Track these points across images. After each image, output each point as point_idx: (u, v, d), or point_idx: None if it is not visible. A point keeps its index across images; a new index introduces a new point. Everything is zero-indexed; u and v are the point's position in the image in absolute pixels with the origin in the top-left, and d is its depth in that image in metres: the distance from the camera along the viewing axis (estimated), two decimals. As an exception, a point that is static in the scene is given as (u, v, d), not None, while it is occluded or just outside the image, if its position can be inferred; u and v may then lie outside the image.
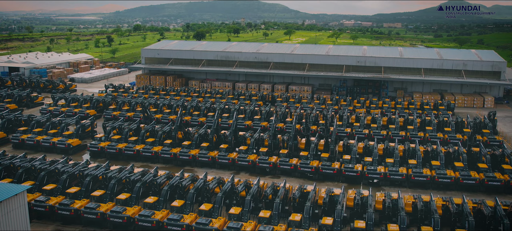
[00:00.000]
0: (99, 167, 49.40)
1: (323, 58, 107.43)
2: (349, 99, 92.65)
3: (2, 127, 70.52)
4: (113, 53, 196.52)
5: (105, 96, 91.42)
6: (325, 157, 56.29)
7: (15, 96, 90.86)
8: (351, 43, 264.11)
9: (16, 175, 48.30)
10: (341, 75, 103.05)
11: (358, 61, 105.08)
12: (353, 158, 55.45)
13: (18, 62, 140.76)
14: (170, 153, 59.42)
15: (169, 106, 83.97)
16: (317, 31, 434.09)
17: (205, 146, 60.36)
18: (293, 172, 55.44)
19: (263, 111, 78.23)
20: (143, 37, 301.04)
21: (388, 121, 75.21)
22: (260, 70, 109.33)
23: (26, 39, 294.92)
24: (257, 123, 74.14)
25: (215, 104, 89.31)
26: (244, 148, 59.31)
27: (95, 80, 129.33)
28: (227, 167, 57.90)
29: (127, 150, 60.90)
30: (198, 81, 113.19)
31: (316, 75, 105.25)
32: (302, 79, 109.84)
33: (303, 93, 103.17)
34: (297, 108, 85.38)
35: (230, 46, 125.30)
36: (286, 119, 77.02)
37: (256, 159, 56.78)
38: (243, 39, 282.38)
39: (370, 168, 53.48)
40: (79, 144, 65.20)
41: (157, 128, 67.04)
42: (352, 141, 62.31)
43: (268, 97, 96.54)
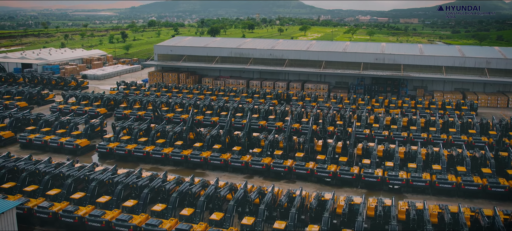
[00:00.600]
0: (106, 171, 47.14)
1: (340, 55, 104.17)
2: (367, 98, 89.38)
3: (10, 126, 68.79)
4: (127, 49, 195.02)
5: (116, 94, 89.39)
6: (343, 161, 53.38)
7: (25, 94, 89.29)
8: (368, 39, 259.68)
9: (19, 178, 46.26)
10: (359, 73, 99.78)
11: (377, 59, 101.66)
12: (373, 163, 52.47)
13: (31, 58, 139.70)
14: (181, 155, 57.00)
15: (181, 105, 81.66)
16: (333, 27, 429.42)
17: (217, 148, 57.83)
18: (310, 176, 52.65)
19: (278, 110, 75.44)
20: (157, 33, 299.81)
21: (409, 122, 71.87)
22: (275, 68, 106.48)
23: (41, 35, 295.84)
24: (271, 123, 71.40)
25: (228, 102, 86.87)
26: (258, 151, 56.68)
27: (108, 77, 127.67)
28: (240, 170, 55.31)
29: (136, 151, 58.63)
30: (212, 78, 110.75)
31: (333, 73, 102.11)
32: (318, 77, 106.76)
33: (319, 91, 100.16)
34: (313, 107, 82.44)
35: (245, 42, 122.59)
36: (301, 119, 74.15)
37: (270, 163, 54.09)
38: (258, 35, 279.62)
39: (391, 173, 50.44)
40: (87, 144, 63.12)
41: (168, 129, 64.74)
42: (372, 143, 59.26)
43: (283, 96, 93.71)
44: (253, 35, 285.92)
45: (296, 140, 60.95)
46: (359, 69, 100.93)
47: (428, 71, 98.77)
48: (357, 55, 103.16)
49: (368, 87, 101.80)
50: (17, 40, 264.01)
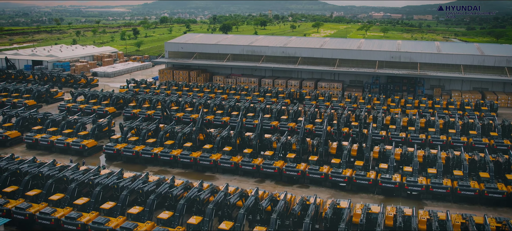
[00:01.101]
0: (111, 175, 45.23)
1: (355, 53, 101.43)
2: (383, 97, 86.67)
3: (17, 125, 67.32)
4: (138, 46, 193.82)
5: (125, 93, 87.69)
6: (359, 165, 50.93)
7: (34, 92, 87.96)
8: (382, 36, 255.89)
9: (22, 182, 44.57)
10: (374, 71, 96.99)
11: (392, 57, 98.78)
12: (391, 167, 50.00)
13: (42, 55, 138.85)
14: (190, 158, 54.98)
15: (191, 104, 79.70)
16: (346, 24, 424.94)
17: (228, 150, 55.69)
18: (324, 181, 50.32)
19: (290, 111, 73.12)
20: (169, 30, 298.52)
21: (427, 123, 69.17)
22: (288, 66, 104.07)
23: (53, 31, 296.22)
24: (284, 124, 69.09)
25: (239, 102, 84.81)
26: (269, 153, 54.44)
27: (118, 74, 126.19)
28: (251, 174, 53.15)
29: (144, 153, 56.74)
30: (223, 76, 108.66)
31: (347, 71, 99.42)
32: (332, 75, 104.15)
33: (333, 90, 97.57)
34: (327, 107, 79.98)
35: (257, 40, 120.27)
36: (315, 119, 71.74)
37: (282, 167, 51.87)
38: (270, 32, 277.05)
39: (410, 179, 47.92)
40: (94, 145, 61.39)
41: (177, 129, 62.76)
42: (389, 146, 56.67)
43: (296, 95, 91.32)
44: (265, 31, 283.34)
45: (309, 143, 58.64)
46: (374, 67, 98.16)
47: (445, 69, 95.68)
48: (372, 53, 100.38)
49: (383, 86, 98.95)
50: (30, 36, 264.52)
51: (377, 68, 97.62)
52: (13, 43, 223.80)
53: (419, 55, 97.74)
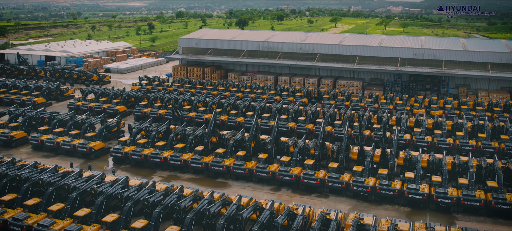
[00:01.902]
0: (116, 183, 42.06)
1: (376, 49, 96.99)
2: (405, 97, 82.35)
3: (23, 125, 64.68)
4: (153, 41, 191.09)
5: (136, 91, 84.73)
6: (383, 174, 47.05)
7: (44, 89, 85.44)
8: (401, 32, 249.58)
9: (21, 190, 41.66)
10: (396, 69, 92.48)
11: (415, 54, 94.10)
12: (418, 176, 46.03)
13: (55, 51, 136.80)
14: (201, 163, 51.67)
15: (204, 103, 76.39)
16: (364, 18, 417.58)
17: (242, 155, 52.21)
18: (345, 190, 46.60)
19: (308, 111, 69.33)
20: (185, 24, 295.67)
21: (454, 126, 64.91)
22: (305, 63, 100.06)
23: (70, 26, 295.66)
24: (301, 126, 65.30)
25: (255, 100, 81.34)
26: (286, 159, 50.80)
27: (131, 70, 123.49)
28: (266, 181, 49.66)
29: (153, 157, 53.59)
30: (238, 73, 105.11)
31: (368, 69, 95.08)
32: (351, 73, 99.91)
33: (353, 88, 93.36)
34: (347, 108, 75.93)
35: (273, 35, 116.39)
36: (334, 121, 67.90)
37: (300, 174, 48.25)
38: (287, 27, 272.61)
39: (439, 190, 43.95)
40: (102, 147, 58.48)
41: (189, 131, 59.49)
42: (415, 152, 52.65)
43: (314, 93, 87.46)
44: (282, 26, 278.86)
45: (329, 147, 54.93)
46: (396, 65, 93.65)
47: (471, 67, 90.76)
48: (393, 50, 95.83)
49: (406, 84, 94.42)
50: (46, 31, 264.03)
51: (399, 65, 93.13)
52: (29, 38, 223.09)
53: (444, 52, 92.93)
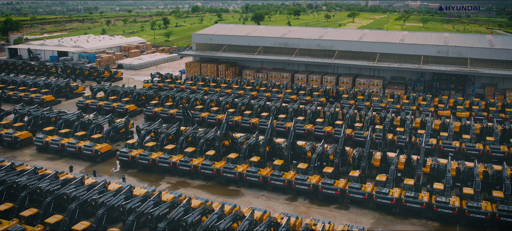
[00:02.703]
0: (119, 194, 38.82)
1: (397, 46, 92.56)
2: (429, 97, 78.00)
3: (28, 125, 61.98)
4: (168, 36, 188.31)
5: (147, 89, 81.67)
6: (409, 184, 43.11)
7: (53, 86, 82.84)
8: (421, 27, 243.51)
9: (18, 199, 38.70)
10: (419, 67, 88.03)
11: (439, 51, 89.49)
12: (448, 188, 41.99)
13: (68, 46, 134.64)
14: (212, 169, 48.28)
15: (217, 103, 73.03)
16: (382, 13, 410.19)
17: (255, 160, 48.66)
18: (367, 202, 42.83)
19: (326, 112, 65.50)
20: (200, 19, 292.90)
21: (482, 130, 60.53)
22: (323, 60, 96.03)
23: (85, 21, 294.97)
24: (319, 128, 61.51)
25: (270, 100, 77.82)
26: (303, 166, 47.11)
27: (144, 66, 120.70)
28: (282, 190, 46.09)
29: (161, 161, 50.36)
30: (253, 70, 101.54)
31: (389, 67, 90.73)
32: (371, 70, 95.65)
33: (373, 87, 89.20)
34: (367, 109, 71.85)
35: (290, 31, 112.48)
36: (354, 122, 64.03)
37: (318, 183, 44.59)
38: (303, 22, 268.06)
39: (472, 204, 39.93)
40: (109, 149, 55.41)
41: (200, 133, 56.13)
42: (443, 160, 48.59)
43: (332, 92, 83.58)
44: (298, 21, 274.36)
45: (350, 153, 51.13)
46: (418, 63, 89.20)
47: (499, 66, 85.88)
48: (416, 47, 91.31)
49: (428, 83, 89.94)
50: (61, 26, 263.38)
51: (422, 63, 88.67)
52: (44, 33, 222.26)
53: (469, 49, 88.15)
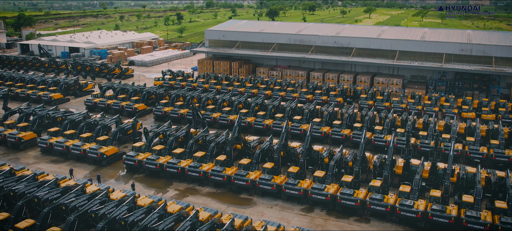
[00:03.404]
0: (122, 204, 36.02)
1: (418, 44, 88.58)
2: (452, 98, 74.14)
3: (33, 125, 59.59)
4: (181, 32, 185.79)
5: (157, 87, 78.98)
6: (436, 196, 39.69)
7: (61, 84, 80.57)
8: (440, 23, 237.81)
9: (14, 209, 36.14)
10: (441, 66, 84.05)
11: (462, 49, 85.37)
12: (478, 201, 38.51)
13: (80, 42, 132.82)
14: (223, 175, 45.32)
15: (230, 103, 70.05)
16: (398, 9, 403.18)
17: (269, 167, 45.60)
18: (390, 214, 39.51)
19: (344, 114, 62.10)
20: (214, 15, 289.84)
21: (510, 135, 56.68)
22: (340, 58, 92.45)
23: (99, 16, 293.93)
24: (336, 131, 58.16)
25: (285, 100, 74.65)
26: (320, 174, 43.86)
27: (156, 63, 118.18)
28: (297, 199, 42.94)
29: (169, 166, 47.55)
30: (267, 68, 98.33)
31: (409, 66, 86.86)
32: (390, 69, 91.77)
33: (392, 86, 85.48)
34: (387, 110, 68.26)
35: (306, 27, 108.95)
36: (373, 124, 60.60)
37: (337, 193, 41.36)
38: (319, 17, 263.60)
39: (505, 220, 36.39)
40: (115, 153, 52.76)
41: (210, 137, 53.17)
42: (471, 168, 45.00)
43: (350, 92, 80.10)
44: (313, 17, 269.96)
45: (370, 160, 47.77)
46: (440, 61, 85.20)
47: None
48: (438, 45, 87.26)
49: (451, 83, 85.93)
50: (75, 21, 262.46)
51: (444, 62, 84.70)
52: (58, 28, 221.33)
53: (495, 48, 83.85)
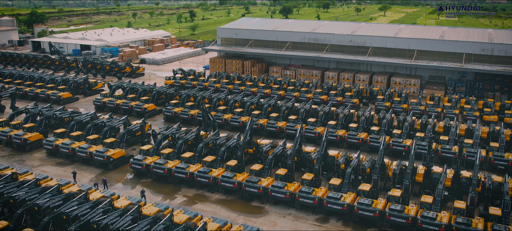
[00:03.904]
0: (126, 215, 33.97)
1: (437, 43, 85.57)
2: (473, 100, 71.13)
3: (39, 126, 57.95)
4: (193, 29, 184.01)
5: (168, 87, 77.06)
6: (460, 208, 37.09)
7: (70, 83, 79.05)
8: (456, 22, 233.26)
9: (13, 217, 34.35)
10: (461, 66, 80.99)
11: (483, 49, 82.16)
12: (506, 214, 35.88)
13: (91, 40, 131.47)
14: (233, 182, 43.13)
15: (242, 104, 67.83)
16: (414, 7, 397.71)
17: (282, 173, 43.33)
18: (411, 227, 36.99)
19: (361, 117, 59.53)
20: (227, 12, 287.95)
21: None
22: (356, 57, 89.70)
23: (112, 13, 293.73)
24: (353, 135, 55.59)
25: (299, 101, 72.25)
26: (336, 182, 41.46)
27: (168, 61, 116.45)
28: (311, 209, 40.61)
29: (178, 171, 45.50)
30: (281, 67, 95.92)
31: (428, 66, 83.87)
32: (407, 69, 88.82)
33: (409, 87, 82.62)
34: (405, 112, 65.56)
35: (320, 26, 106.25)
36: (391, 128, 57.96)
37: (354, 202, 38.95)
38: (333, 15, 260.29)
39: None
40: (122, 156, 50.90)
41: (221, 140, 51.03)
42: (497, 177, 42.25)
43: (366, 93, 77.44)
44: (327, 15, 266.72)
45: (389, 166, 45.20)
46: (460, 61, 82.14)
47: (550, 66, 78.37)
48: (458, 44, 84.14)
49: (470, 84, 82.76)
50: (89, 18, 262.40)
51: (464, 62, 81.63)
52: (70, 25, 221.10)
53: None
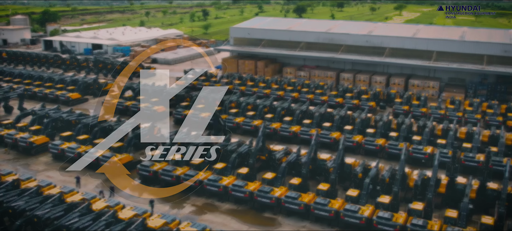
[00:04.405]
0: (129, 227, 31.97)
1: (457, 44, 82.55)
2: (495, 104, 68.07)
3: (46, 129, 56.29)
4: (206, 28, 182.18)
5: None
6: (488, 224, 34.50)
7: (80, 83, 77.51)
8: (474, 21, 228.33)
9: (12, 227, 32.51)
10: (482, 68, 77.93)
11: (506, 51, 79.02)
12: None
13: (103, 39, 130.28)
14: (245, 191, 40.93)
15: (254, 106, 65.54)
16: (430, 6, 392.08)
17: (296, 183, 41.02)
18: (434, 244, 34.51)
19: (379, 121, 56.94)
20: (241, 11, 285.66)
21: None
22: (372, 58, 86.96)
23: (126, 11, 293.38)
24: (370, 142, 53.02)
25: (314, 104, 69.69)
26: (354, 193, 39.03)
27: (179, 61, 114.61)
28: (327, 221, 38.23)
29: (186, 179, 43.38)
30: (294, 68, 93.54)
31: (447, 68, 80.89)
32: (425, 71, 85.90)
33: (428, 89, 79.75)
34: (425, 116, 62.80)
35: (335, 26, 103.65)
36: (410, 133, 55.27)
37: (373, 216, 36.49)
38: (347, 14, 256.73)
39: None
40: (129, 161, 48.92)
41: (232, 146, 48.83)
42: (527, 190, 39.49)
43: (383, 95, 74.75)
44: (342, 14, 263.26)
45: (410, 176, 42.50)
46: (481, 63, 79.08)
47: None
48: (479, 45, 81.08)
49: (492, 87, 79.54)
50: (102, 16, 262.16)
51: (485, 64, 78.53)
52: (84, 24, 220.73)
53: (542, 49, 77.46)
